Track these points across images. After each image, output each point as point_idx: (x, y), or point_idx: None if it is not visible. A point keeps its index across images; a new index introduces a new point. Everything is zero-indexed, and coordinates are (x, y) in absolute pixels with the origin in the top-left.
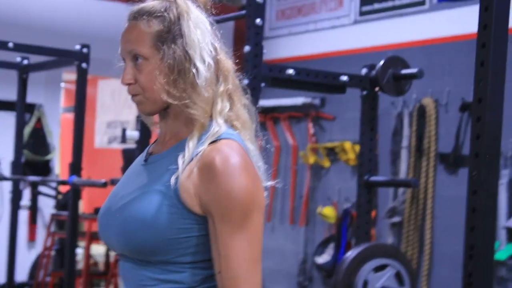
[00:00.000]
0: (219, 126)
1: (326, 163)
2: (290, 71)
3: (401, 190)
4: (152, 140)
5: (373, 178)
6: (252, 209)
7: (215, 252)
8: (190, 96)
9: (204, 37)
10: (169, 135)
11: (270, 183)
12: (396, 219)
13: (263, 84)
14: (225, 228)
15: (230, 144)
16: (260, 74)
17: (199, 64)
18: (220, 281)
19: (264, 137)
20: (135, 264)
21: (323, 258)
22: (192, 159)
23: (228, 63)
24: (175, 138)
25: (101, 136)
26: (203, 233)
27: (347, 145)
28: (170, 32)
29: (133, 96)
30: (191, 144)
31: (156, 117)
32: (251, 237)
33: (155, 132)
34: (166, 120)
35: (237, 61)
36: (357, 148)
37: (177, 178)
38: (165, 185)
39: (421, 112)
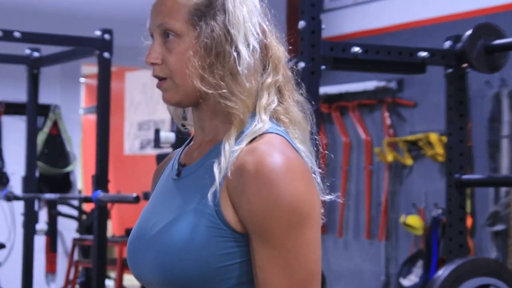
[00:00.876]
0: (262, 123)
1: (408, 161)
2: (356, 49)
3: (503, 190)
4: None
5: (466, 177)
6: (298, 223)
7: (255, 278)
8: (228, 85)
9: (251, 16)
10: (206, 137)
11: (329, 197)
12: (499, 227)
13: (323, 67)
14: (263, 249)
15: (270, 140)
16: (319, 55)
17: (241, 47)
18: None
19: (328, 133)
20: None
21: (410, 280)
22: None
23: (279, 50)
24: (212, 141)
25: (131, 140)
26: (247, 257)
27: (433, 137)
28: (211, 7)
29: (159, 80)
30: (227, 147)
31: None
32: (297, 259)
33: (191, 131)
34: (201, 117)
35: (291, 44)
36: (446, 140)
37: (215, 192)
38: (202, 202)
39: None
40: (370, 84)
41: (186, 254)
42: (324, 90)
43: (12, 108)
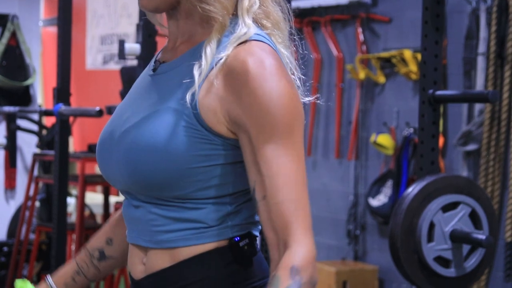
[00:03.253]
0: (247, 27)
1: (381, 79)
2: None
3: (477, 109)
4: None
5: (440, 92)
6: (295, 119)
7: (255, 176)
8: None
9: None
10: (180, 39)
11: (309, 99)
12: (471, 146)
13: None
14: (268, 145)
15: (261, 46)
16: None
17: None
18: (264, 207)
19: (301, 43)
20: (144, 202)
21: (379, 200)
22: (212, 69)
23: None
24: (189, 42)
25: (93, 54)
26: (230, 160)
27: (407, 54)
28: None
29: None
30: (209, 50)
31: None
32: (297, 153)
33: (162, 40)
34: (176, 20)
35: None
36: (420, 57)
37: (193, 94)
38: (179, 102)
39: (503, 7)
40: None
41: (159, 152)
42: (295, 4)
43: None
